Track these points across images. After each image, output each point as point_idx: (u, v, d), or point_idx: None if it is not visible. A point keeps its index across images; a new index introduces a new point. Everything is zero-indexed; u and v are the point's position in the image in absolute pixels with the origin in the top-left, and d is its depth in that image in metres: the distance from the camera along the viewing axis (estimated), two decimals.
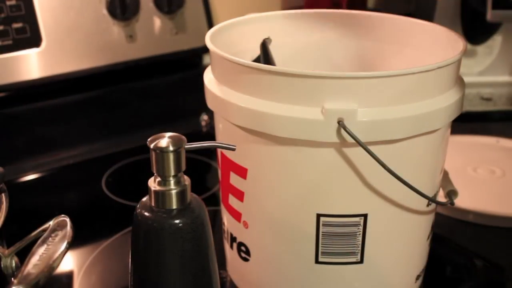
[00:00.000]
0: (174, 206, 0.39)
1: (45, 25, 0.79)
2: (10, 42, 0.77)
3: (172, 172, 0.38)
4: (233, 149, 0.41)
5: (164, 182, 0.39)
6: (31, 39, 0.79)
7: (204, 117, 0.91)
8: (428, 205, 0.49)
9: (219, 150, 0.52)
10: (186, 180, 0.40)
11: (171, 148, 0.38)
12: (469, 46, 0.95)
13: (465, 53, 0.46)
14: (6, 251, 0.44)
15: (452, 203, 0.51)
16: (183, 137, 0.39)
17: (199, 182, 0.75)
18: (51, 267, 0.39)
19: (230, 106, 0.46)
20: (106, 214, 0.70)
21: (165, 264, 0.39)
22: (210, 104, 0.50)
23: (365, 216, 0.46)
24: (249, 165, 0.48)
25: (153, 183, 0.39)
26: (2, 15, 0.76)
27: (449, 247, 0.61)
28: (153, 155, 0.38)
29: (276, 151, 0.45)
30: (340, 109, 0.42)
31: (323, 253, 0.47)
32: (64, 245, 0.41)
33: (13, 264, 0.43)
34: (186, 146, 0.39)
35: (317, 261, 0.48)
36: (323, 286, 0.49)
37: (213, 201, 0.66)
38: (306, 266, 0.48)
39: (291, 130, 0.43)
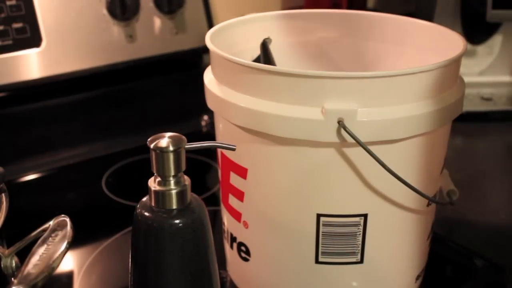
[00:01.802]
0: (174, 206, 0.39)
1: (45, 25, 0.79)
2: (10, 42, 0.77)
3: (172, 172, 0.38)
4: (233, 149, 0.41)
5: (164, 182, 0.39)
6: (31, 39, 0.79)
7: (204, 117, 0.91)
8: (428, 205, 0.49)
9: (219, 150, 0.52)
10: (186, 180, 0.40)
11: (171, 148, 0.38)
12: (469, 46, 0.95)
13: (465, 53, 0.46)
14: (6, 251, 0.44)
15: (452, 203, 0.51)
16: (183, 137, 0.39)
17: (199, 182, 0.75)
18: (51, 267, 0.39)
19: (230, 106, 0.46)
20: (106, 214, 0.70)
21: (165, 264, 0.39)
22: (210, 104, 0.50)
23: (365, 216, 0.46)
24: (249, 165, 0.48)
25: (153, 183, 0.39)
26: (2, 15, 0.77)
27: (449, 247, 0.61)
28: (153, 155, 0.38)
29: (276, 151, 0.45)
30: (340, 109, 0.42)
31: (323, 253, 0.47)
32: (64, 245, 0.41)
33: (13, 264, 0.43)
34: (186, 146, 0.39)
35: (317, 261, 0.48)
36: (323, 286, 0.49)
37: (213, 201, 0.66)
38: (306, 266, 0.48)
39: (291, 130, 0.43)
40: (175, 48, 0.90)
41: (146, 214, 0.39)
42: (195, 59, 0.97)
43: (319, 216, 0.46)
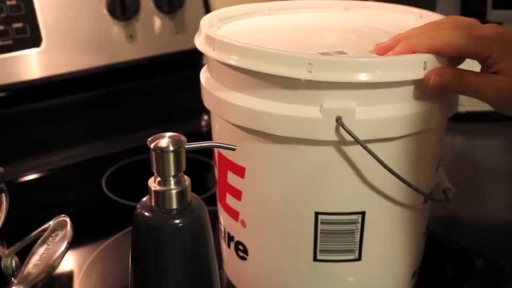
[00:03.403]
0: (174, 206, 0.39)
1: (45, 25, 0.79)
2: (10, 42, 0.77)
3: (172, 172, 0.38)
4: (233, 149, 0.41)
5: (164, 182, 0.39)
6: (31, 39, 0.79)
7: (204, 117, 0.91)
8: (424, 202, 0.50)
9: (215, 149, 0.52)
10: (186, 180, 0.40)
11: (171, 148, 0.38)
12: None
13: None
14: (6, 251, 0.44)
15: (448, 200, 0.51)
16: (183, 137, 0.39)
17: (199, 182, 0.75)
18: (51, 267, 0.39)
19: (228, 106, 0.46)
20: (106, 214, 0.70)
21: (165, 264, 0.39)
22: (207, 103, 0.50)
23: (363, 213, 0.46)
24: (247, 164, 0.48)
25: (153, 183, 0.39)
26: (2, 15, 0.77)
27: (449, 247, 0.61)
28: (153, 155, 0.38)
29: (275, 149, 0.45)
30: (338, 107, 0.42)
31: (321, 251, 0.48)
32: (64, 245, 0.41)
33: (13, 264, 0.43)
34: (186, 146, 0.39)
35: (315, 259, 0.48)
36: (321, 284, 0.49)
37: (213, 201, 0.65)
38: (304, 264, 0.48)
39: (290, 129, 0.43)
40: (175, 48, 0.90)
41: (146, 214, 0.39)
42: (195, 59, 0.97)
43: (317, 214, 0.46)
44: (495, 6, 0.88)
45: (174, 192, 0.39)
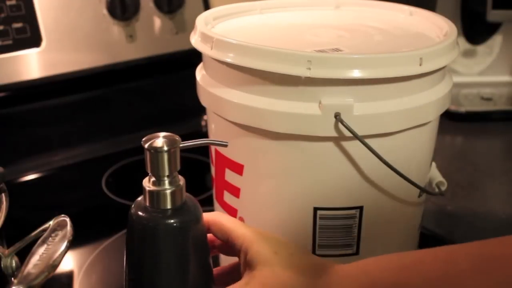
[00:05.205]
0: (169, 206, 0.39)
1: (45, 25, 0.80)
2: (10, 42, 0.77)
3: (167, 172, 0.38)
4: (226, 145, 0.41)
5: (158, 182, 0.39)
6: (31, 39, 0.79)
7: (204, 117, 0.91)
8: (419, 195, 0.50)
9: (212, 148, 0.52)
10: (181, 179, 0.40)
11: (165, 148, 0.38)
12: (469, 46, 0.95)
13: (465, 53, 0.47)
14: (6, 251, 0.44)
15: (442, 194, 0.52)
16: (178, 136, 0.39)
17: (198, 182, 0.75)
18: (51, 267, 0.39)
19: (226, 103, 0.46)
20: (106, 214, 0.70)
21: (160, 263, 0.39)
22: (203, 101, 0.50)
23: (360, 208, 0.47)
24: (245, 161, 0.48)
25: (147, 183, 0.39)
26: (2, 15, 0.77)
27: None
28: (147, 155, 0.38)
29: (274, 146, 0.46)
30: (337, 104, 0.42)
31: (320, 246, 0.48)
32: (64, 245, 0.41)
33: (13, 264, 0.43)
34: (180, 145, 0.39)
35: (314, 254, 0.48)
36: None
37: (211, 201, 0.66)
38: None
39: (289, 126, 0.44)
40: (175, 48, 0.90)
41: (141, 214, 0.39)
42: (195, 59, 0.97)
43: (316, 209, 0.46)
44: (495, 6, 0.88)
45: (168, 192, 0.39)
